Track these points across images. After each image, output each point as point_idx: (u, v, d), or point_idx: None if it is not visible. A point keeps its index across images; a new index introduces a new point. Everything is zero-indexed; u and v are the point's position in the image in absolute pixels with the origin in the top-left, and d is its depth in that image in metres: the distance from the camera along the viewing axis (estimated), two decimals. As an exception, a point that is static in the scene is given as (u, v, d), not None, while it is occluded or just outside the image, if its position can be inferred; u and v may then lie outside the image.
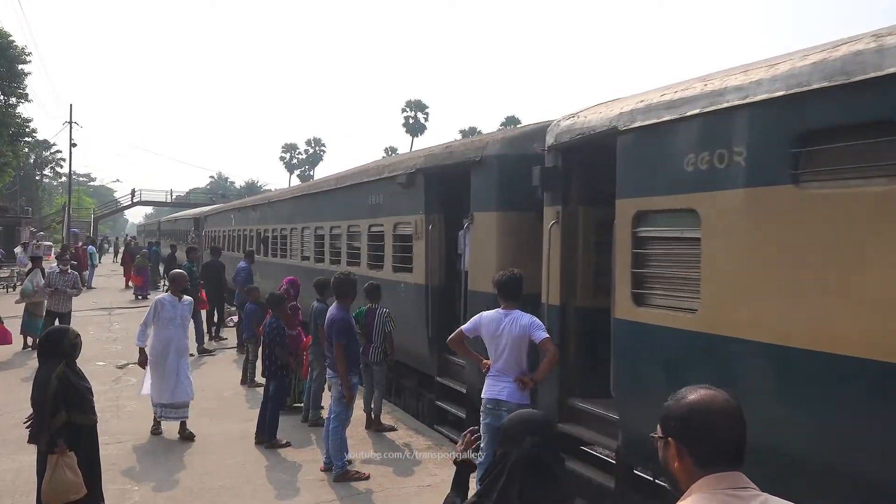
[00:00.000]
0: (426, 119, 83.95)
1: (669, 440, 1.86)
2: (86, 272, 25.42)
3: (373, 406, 8.42)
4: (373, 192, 10.36)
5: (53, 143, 67.30)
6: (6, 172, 42.30)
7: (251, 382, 10.53)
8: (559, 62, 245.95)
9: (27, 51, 39.33)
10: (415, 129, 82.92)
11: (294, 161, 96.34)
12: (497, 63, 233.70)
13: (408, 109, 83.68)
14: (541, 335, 5.35)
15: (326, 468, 6.83)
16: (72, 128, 46.38)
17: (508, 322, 5.44)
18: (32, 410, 5.03)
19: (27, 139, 44.84)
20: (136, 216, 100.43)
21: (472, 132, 67.23)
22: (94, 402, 5.28)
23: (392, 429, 8.33)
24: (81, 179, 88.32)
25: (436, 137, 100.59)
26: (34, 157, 65.32)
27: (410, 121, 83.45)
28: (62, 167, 67.43)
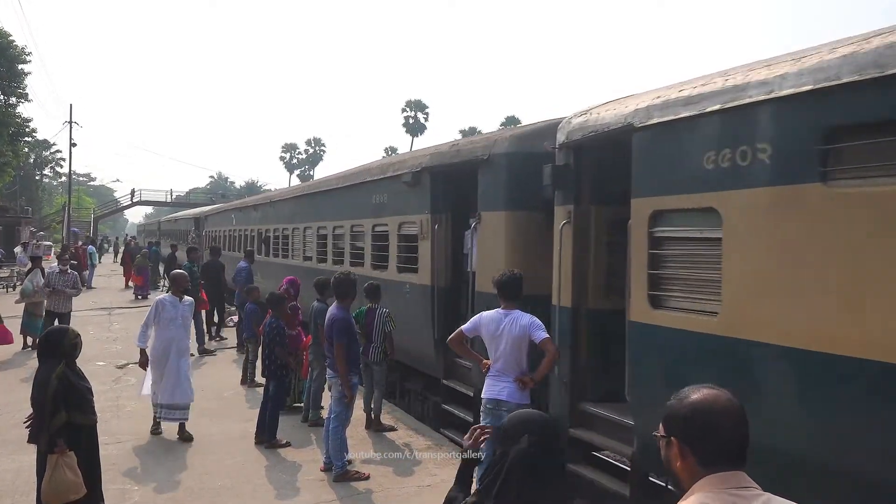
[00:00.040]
0: (426, 119, 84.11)
1: (672, 439, 1.86)
2: (86, 272, 25.42)
3: (373, 406, 8.39)
4: (377, 192, 10.20)
5: (53, 143, 67.54)
6: (6, 172, 42.31)
7: (251, 382, 10.52)
8: (559, 62, 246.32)
9: (27, 51, 39.42)
10: (415, 129, 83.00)
11: (294, 161, 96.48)
12: (497, 63, 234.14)
13: (408, 109, 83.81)
14: (541, 335, 5.35)
15: (326, 468, 6.81)
16: (72, 128, 46.46)
17: (508, 322, 5.44)
18: (32, 410, 5.02)
19: (27, 139, 44.85)
20: (136, 216, 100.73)
21: (472, 132, 67.18)
22: (94, 402, 5.26)
23: (392, 429, 8.31)
24: (81, 179, 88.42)
25: (436, 137, 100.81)
26: (34, 157, 65.34)
27: (410, 121, 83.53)
28: (62, 167, 67.60)
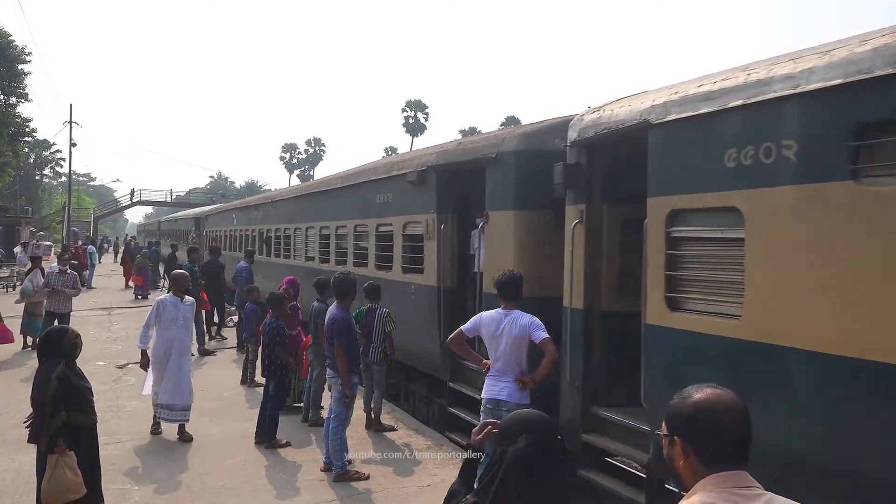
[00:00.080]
0: (426, 119, 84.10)
1: (675, 438, 1.86)
2: (86, 272, 25.43)
3: (373, 406, 8.41)
4: (381, 191, 10.05)
5: (53, 143, 67.49)
6: (6, 172, 42.32)
7: (251, 382, 10.53)
8: (559, 62, 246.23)
9: (27, 51, 39.44)
10: (415, 129, 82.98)
11: (294, 161, 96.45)
12: (497, 63, 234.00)
13: (408, 109, 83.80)
14: (541, 335, 5.35)
15: (326, 468, 6.83)
16: (72, 127, 46.52)
17: (508, 322, 5.45)
18: (32, 410, 5.04)
19: (27, 139, 44.91)
20: (136, 216, 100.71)
21: (472, 132, 67.19)
22: (94, 402, 5.29)
23: (392, 429, 8.32)
24: (81, 179, 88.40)
25: (436, 137, 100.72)
26: (34, 157, 65.32)
27: (410, 121, 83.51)
28: (62, 167, 67.57)
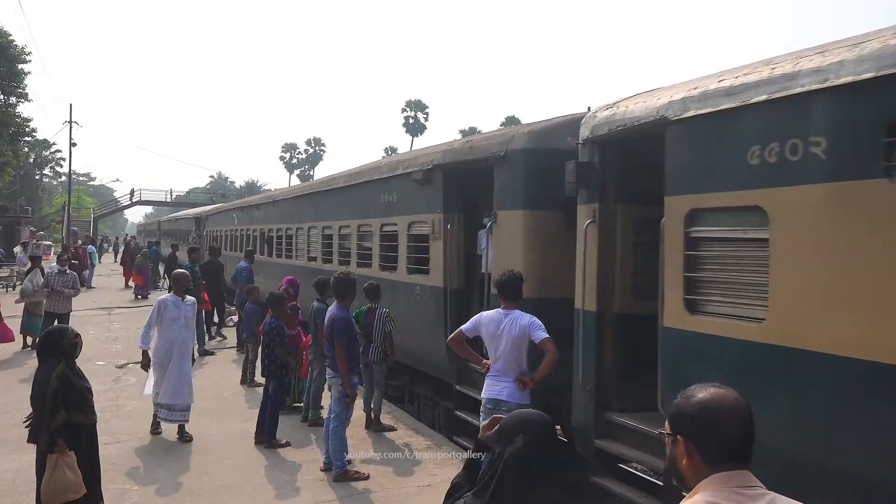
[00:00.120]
0: (426, 119, 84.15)
1: (678, 438, 1.86)
2: (86, 272, 25.43)
3: (373, 406, 8.41)
4: (386, 190, 9.90)
5: (53, 143, 67.43)
6: (6, 172, 42.36)
7: (251, 382, 10.54)
8: (559, 62, 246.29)
9: (27, 50, 39.47)
10: (415, 129, 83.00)
11: (294, 161, 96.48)
12: (497, 63, 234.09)
13: (408, 109, 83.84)
14: (540, 335, 5.35)
15: (326, 468, 6.83)
16: (72, 127, 46.56)
17: (508, 322, 5.45)
18: (32, 410, 5.04)
19: (27, 139, 44.94)
20: (136, 216, 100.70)
21: (472, 132, 67.20)
22: (94, 402, 5.29)
23: (392, 429, 8.32)
24: (81, 179, 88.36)
25: (436, 137, 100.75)
26: (34, 157, 65.29)
27: (410, 121, 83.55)
28: (62, 167, 67.56)
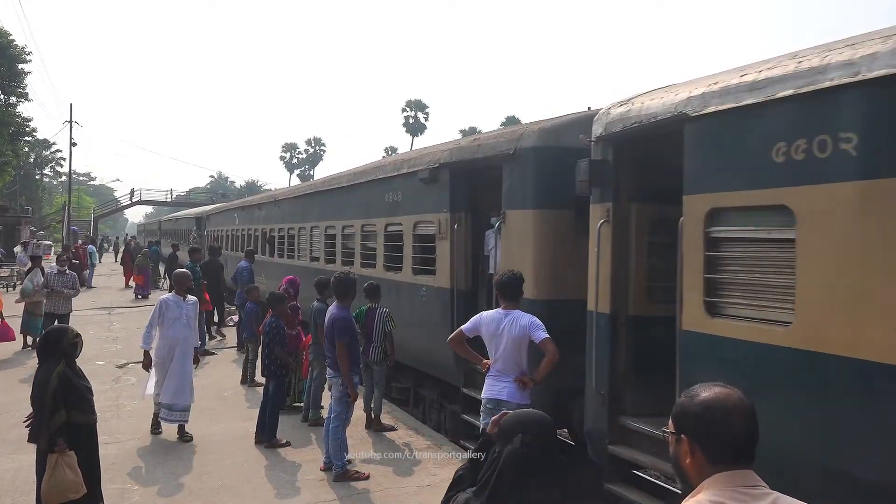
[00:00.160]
0: (426, 119, 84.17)
1: (682, 437, 1.86)
2: (86, 272, 25.43)
3: (373, 406, 8.42)
4: (391, 189, 9.74)
5: (53, 143, 67.48)
6: (6, 172, 42.35)
7: (251, 382, 10.54)
8: (559, 62, 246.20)
9: (27, 50, 39.53)
10: (415, 129, 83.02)
11: (294, 161, 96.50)
12: (497, 63, 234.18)
13: (408, 109, 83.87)
14: (540, 335, 5.35)
15: (326, 468, 6.84)
16: (72, 127, 46.54)
17: (508, 322, 5.45)
18: (32, 409, 5.04)
19: (27, 138, 44.96)
20: (136, 216, 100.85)
21: (472, 132, 67.18)
22: (94, 402, 5.30)
23: (392, 429, 8.33)
24: (81, 179, 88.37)
25: (436, 137, 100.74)
26: (34, 157, 65.36)
27: (410, 121, 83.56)
28: (62, 166, 67.65)
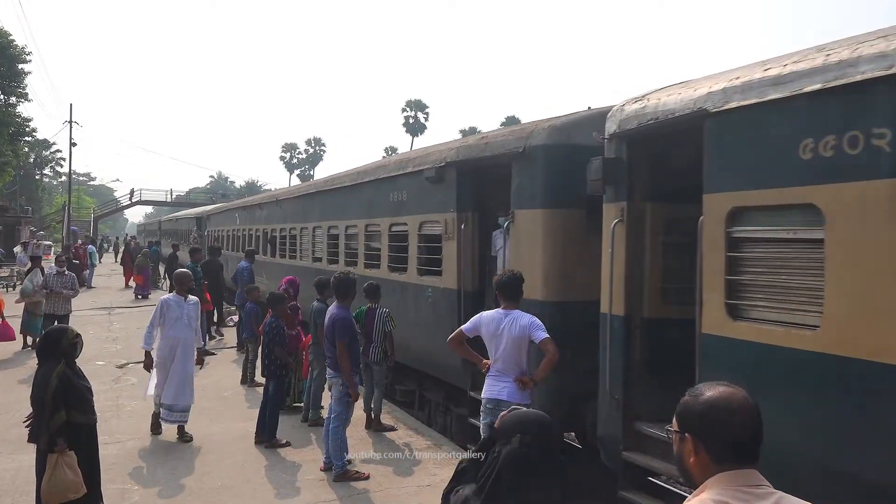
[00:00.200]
0: (426, 119, 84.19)
1: (686, 435, 1.87)
2: (86, 272, 25.43)
3: (373, 406, 8.42)
4: (395, 189, 9.59)
5: (53, 143, 67.52)
6: (6, 172, 42.32)
7: (251, 382, 10.54)
8: (559, 62, 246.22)
9: (27, 50, 39.50)
10: (415, 129, 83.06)
11: (294, 161, 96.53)
12: (497, 63, 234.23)
13: (408, 109, 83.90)
14: (540, 335, 5.35)
15: (326, 468, 6.84)
16: (72, 127, 46.58)
17: (508, 322, 5.45)
18: (32, 409, 5.05)
19: (27, 138, 44.96)
20: (136, 216, 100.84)
21: (472, 131, 67.16)
22: (94, 402, 5.30)
23: (392, 429, 8.33)
24: (81, 179, 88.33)
25: (436, 137, 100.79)
26: (34, 157, 65.37)
27: (410, 121, 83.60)
28: (62, 167, 67.66)
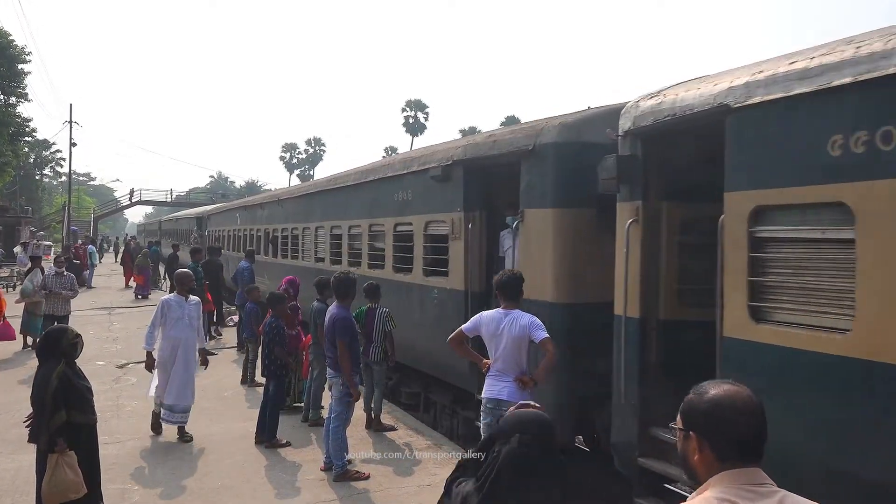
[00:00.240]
0: (426, 119, 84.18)
1: (690, 433, 1.87)
2: (86, 272, 25.43)
3: (373, 406, 8.42)
4: (400, 188, 9.45)
5: (53, 143, 67.49)
6: (6, 172, 42.33)
7: (251, 382, 10.55)
8: (559, 62, 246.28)
9: (27, 50, 39.52)
10: (415, 129, 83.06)
11: (294, 161, 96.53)
12: (497, 63, 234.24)
13: (408, 109, 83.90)
14: (540, 335, 5.35)
15: (326, 468, 6.84)
16: (72, 127, 46.60)
17: (508, 322, 5.45)
18: (32, 410, 5.05)
19: (27, 139, 44.97)
20: (136, 216, 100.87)
21: (472, 131, 67.17)
22: (94, 402, 5.30)
23: (392, 429, 8.33)
24: (81, 179, 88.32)
25: (436, 137, 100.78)
26: (34, 157, 65.36)
27: (410, 120, 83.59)
28: (62, 167, 67.65)
